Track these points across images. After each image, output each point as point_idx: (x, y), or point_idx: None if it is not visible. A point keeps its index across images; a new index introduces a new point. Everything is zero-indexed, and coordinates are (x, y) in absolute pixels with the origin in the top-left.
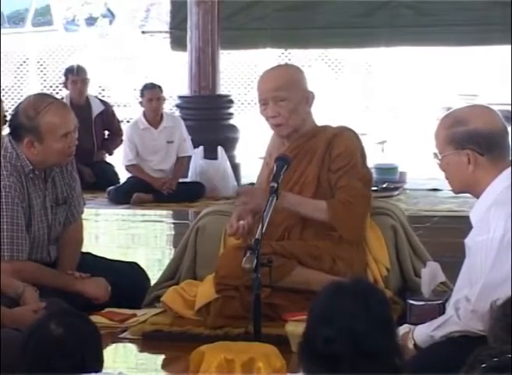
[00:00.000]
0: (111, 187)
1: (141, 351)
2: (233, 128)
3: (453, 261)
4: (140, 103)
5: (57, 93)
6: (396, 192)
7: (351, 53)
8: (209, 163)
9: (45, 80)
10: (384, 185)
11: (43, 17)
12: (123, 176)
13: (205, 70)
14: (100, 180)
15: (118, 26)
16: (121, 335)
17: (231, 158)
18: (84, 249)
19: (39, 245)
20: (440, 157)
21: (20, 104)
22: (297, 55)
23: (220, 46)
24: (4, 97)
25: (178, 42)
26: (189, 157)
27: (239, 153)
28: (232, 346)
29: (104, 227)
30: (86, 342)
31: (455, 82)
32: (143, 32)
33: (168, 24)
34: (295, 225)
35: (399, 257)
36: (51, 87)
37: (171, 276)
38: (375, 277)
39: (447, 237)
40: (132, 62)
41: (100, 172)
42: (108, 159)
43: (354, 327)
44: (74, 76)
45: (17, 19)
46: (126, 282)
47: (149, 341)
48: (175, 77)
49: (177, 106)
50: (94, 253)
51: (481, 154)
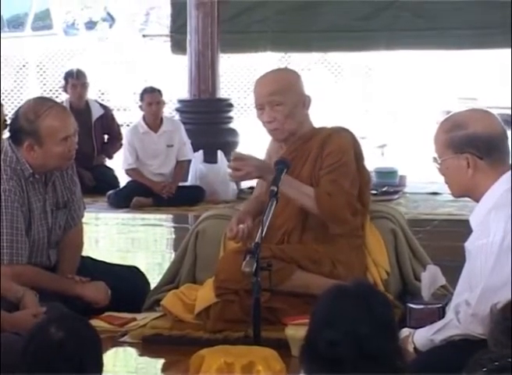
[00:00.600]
0: (111, 191)
1: (141, 355)
2: (233, 132)
3: (453, 265)
4: (140, 107)
5: (56, 97)
6: (396, 196)
7: (351, 56)
8: (209, 167)
9: (45, 84)
10: (384, 189)
11: (42, 21)
12: (123, 180)
13: (205, 74)
14: (100, 184)
15: (117, 30)
16: (121, 339)
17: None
18: (84, 253)
19: (39, 249)
20: (439, 161)
21: (20, 108)
22: (297, 59)
23: (220, 49)
24: (4, 101)
25: (178, 45)
26: (189, 161)
27: None
28: (231, 350)
29: (103, 231)
30: (86, 346)
31: (455, 85)
32: (143, 36)
33: (168, 28)
34: (294, 229)
35: (399, 261)
36: (50, 91)
37: (171, 280)
38: (375, 281)
39: (447, 241)
40: (131, 66)
41: (100, 176)
42: (108, 163)
43: (357, 330)
44: (74, 80)
45: (17, 23)
46: (126, 286)
47: (149, 345)
48: (174, 81)
49: (177, 110)
50: (94, 257)
51: (480, 158)
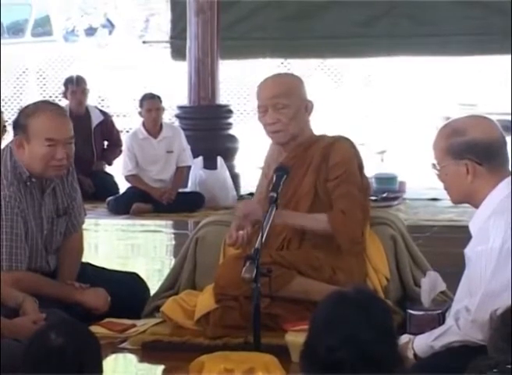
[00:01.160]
0: (110, 198)
1: (141, 361)
2: (233, 138)
3: (453, 271)
4: (140, 113)
5: None
6: (396, 202)
7: (351, 63)
8: (209, 173)
9: (45, 91)
10: (383, 195)
11: (42, 28)
12: (123, 186)
13: (205, 80)
14: (99, 191)
15: (117, 36)
16: (121, 345)
17: (230, 168)
18: (84, 259)
19: (37, 255)
20: (439, 167)
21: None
22: (297, 65)
23: (219, 56)
24: (3, 107)
25: (178, 52)
26: (188, 167)
27: (238, 163)
28: (231, 356)
29: (103, 237)
30: (86, 352)
31: (454, 91)
32: (143, 42)
33: (168, 34)
34: (294, 235)
35: (398, 267)
36: (50, 98)
37: (170, 286)
38: (375, 287)
39: (447, 247)
40: (131, 73)
41: (99, 182)
42: (108, 169)
43: (357, 336)
44: (74, 86)
45: (17, 29)
46: (126, 292)
47: (149, 351)
48: (174, 87)
49: (177, 116)
50: (94, 263)
51: (479, 164)
